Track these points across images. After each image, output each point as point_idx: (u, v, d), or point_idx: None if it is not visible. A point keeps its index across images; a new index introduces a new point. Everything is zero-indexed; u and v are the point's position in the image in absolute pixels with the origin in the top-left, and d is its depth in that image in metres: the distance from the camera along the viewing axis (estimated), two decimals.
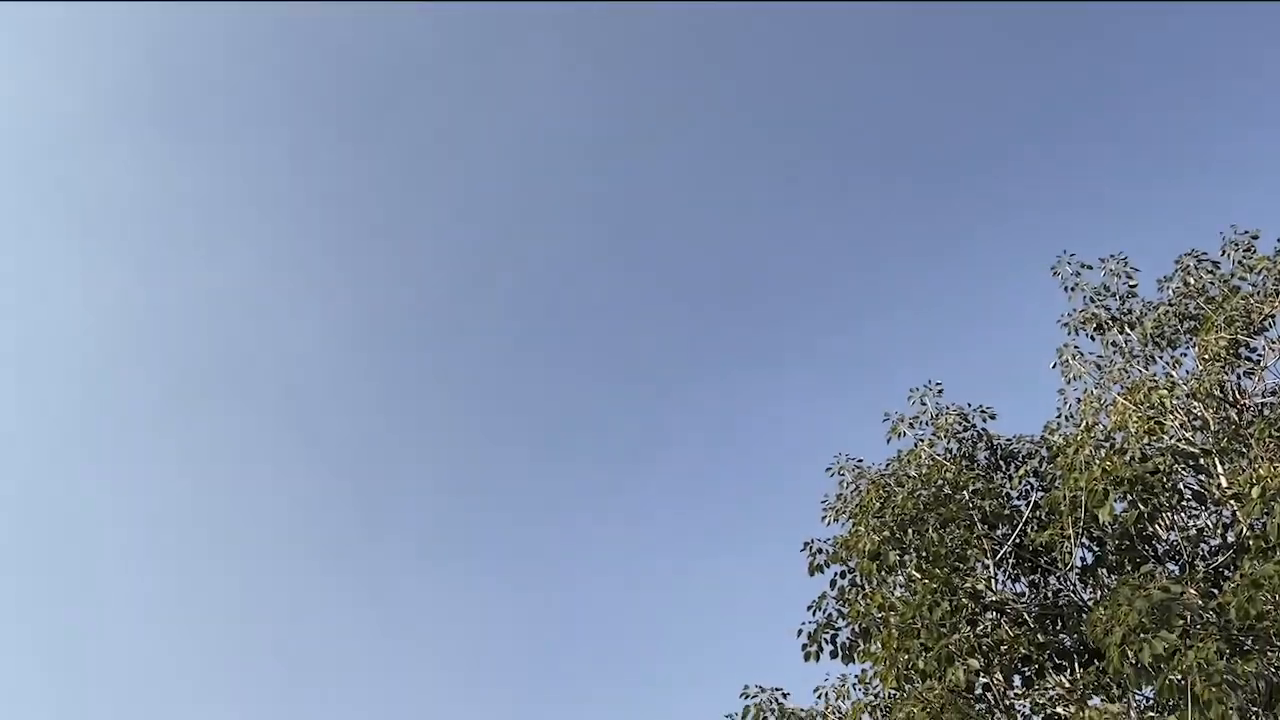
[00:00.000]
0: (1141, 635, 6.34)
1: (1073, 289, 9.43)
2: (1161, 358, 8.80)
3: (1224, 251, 9.04)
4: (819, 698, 9.41)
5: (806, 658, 9.18)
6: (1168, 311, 8.83)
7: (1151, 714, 6.85)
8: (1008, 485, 8.90)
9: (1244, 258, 8.78)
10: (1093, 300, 9.34)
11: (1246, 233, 9.04)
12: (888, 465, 9.35)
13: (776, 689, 9.22)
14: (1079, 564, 8.36)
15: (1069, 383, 8.94)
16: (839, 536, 9.45)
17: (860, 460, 9.61)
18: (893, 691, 8.72)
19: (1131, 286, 9.27)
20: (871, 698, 9.25)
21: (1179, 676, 6.12)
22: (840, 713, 9.35)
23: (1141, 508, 7.32)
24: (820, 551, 9.51)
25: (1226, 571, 7.46)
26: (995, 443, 9.26)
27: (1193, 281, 8.91)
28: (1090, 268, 9.43)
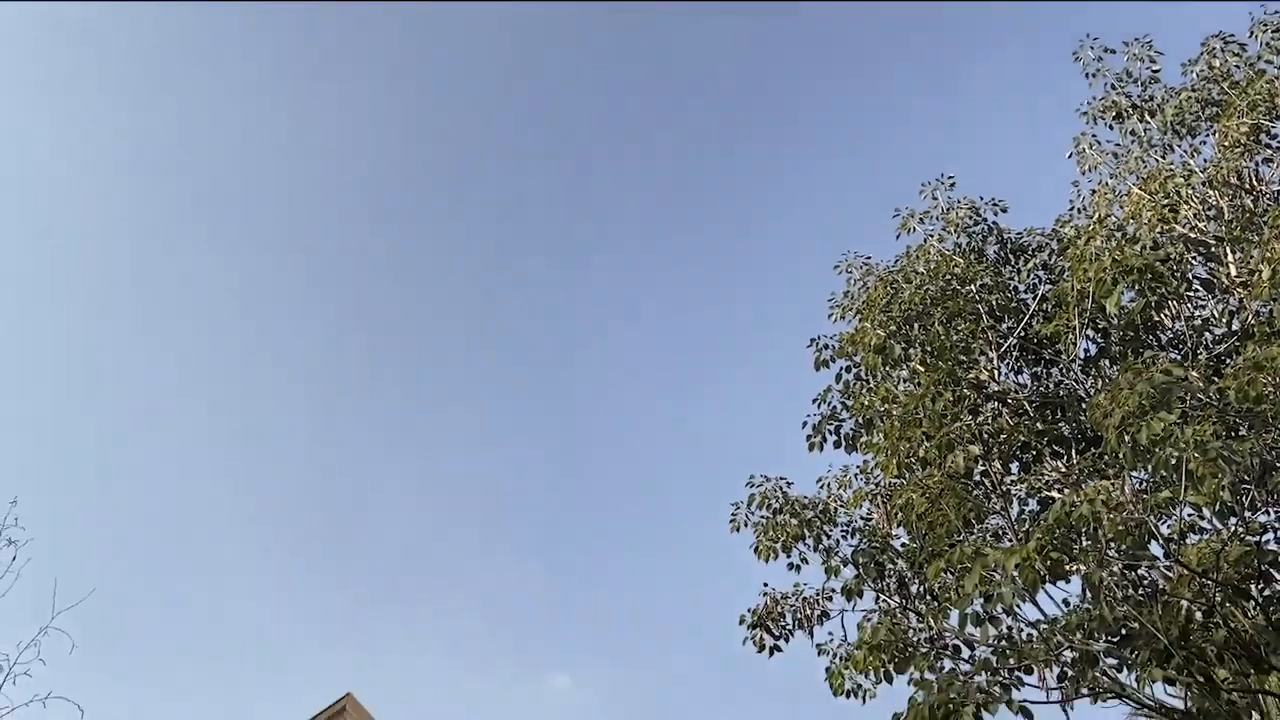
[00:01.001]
0: (1140, 418, 6.45)
1: (1094, 75, 9.11)
2: (1180, 146, 8.59)
3: (1252, 33, 8.67)
4: (821, 488, 9.73)
5: (810, 448, 9.45)
6: (1190, 97, 8.56)
7: (1145, 494, 7.05)
8: (1016, 279, 8.88)
9: (1272, 39, 8.43)
10: (1114, 87, 9.04)
11: (1277, 13, 8.65)
12: (896, 261, 9.31)
13: (781, 479, 9.51)
14: (1082, 355, 8.44)
15: (1084, 174, 8.77)
16: (845, 333, 9.53)
17: (869, 257, 9.57)
18: (893, 480, 9.00)
19: (1154, 72, 8.95)
20: (872, 486, 9.56)
21: (1175, 455, 6.26)
22: (842, 501, 9.68)
23: (1149, 296, 7.30)
24: (826, 348, 9.62)
25: (1229, 359, 7.53)
26: (1005, 236, 9.18)
27: (1218, 65, 8.59)
28: (1113, 52, 9.08)
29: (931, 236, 9.09)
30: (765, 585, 9.29)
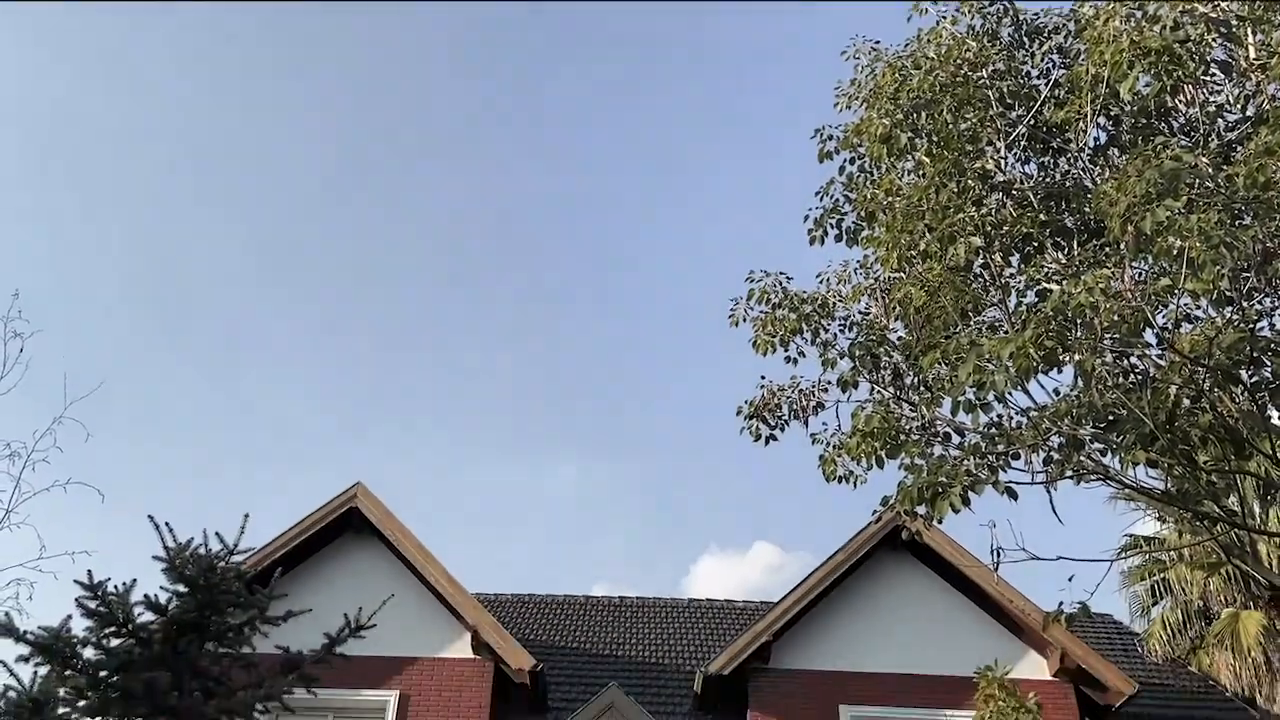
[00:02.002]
0: (1146, 206, 6.37)
1: None
2: None
3: None
4: (821, 283, 9.74)
5: (811, 242, 9.41)
6: None
7: (1144, 284, 7.05)
8: (1029, 63, 8.57)
9: None
10: None
11: None
12: (906, 46, 8.95)
13: (780, 273, 9.52)
14: (1092, 143, 8.26)
15: None
16: (850, 123, 9.29)
17: (878, 42, 9.20)
18: (893, 274, 8.99)
19: None
20: (871, 281, 9.57)
21: (1177, 242, 6.23)
22: (841, 296, 9.71)
23: (1165, 80, 7.06)
24: (830, 139, 9.41)
25: (1240, 145, 7.36)
26: (1021, 18, 8.78)
27: None
28: None
29: (945, 19, 8.70)
30: (763, 378, 9.47)
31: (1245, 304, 6.90)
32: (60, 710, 6.64)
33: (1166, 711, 14.91)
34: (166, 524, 7.34)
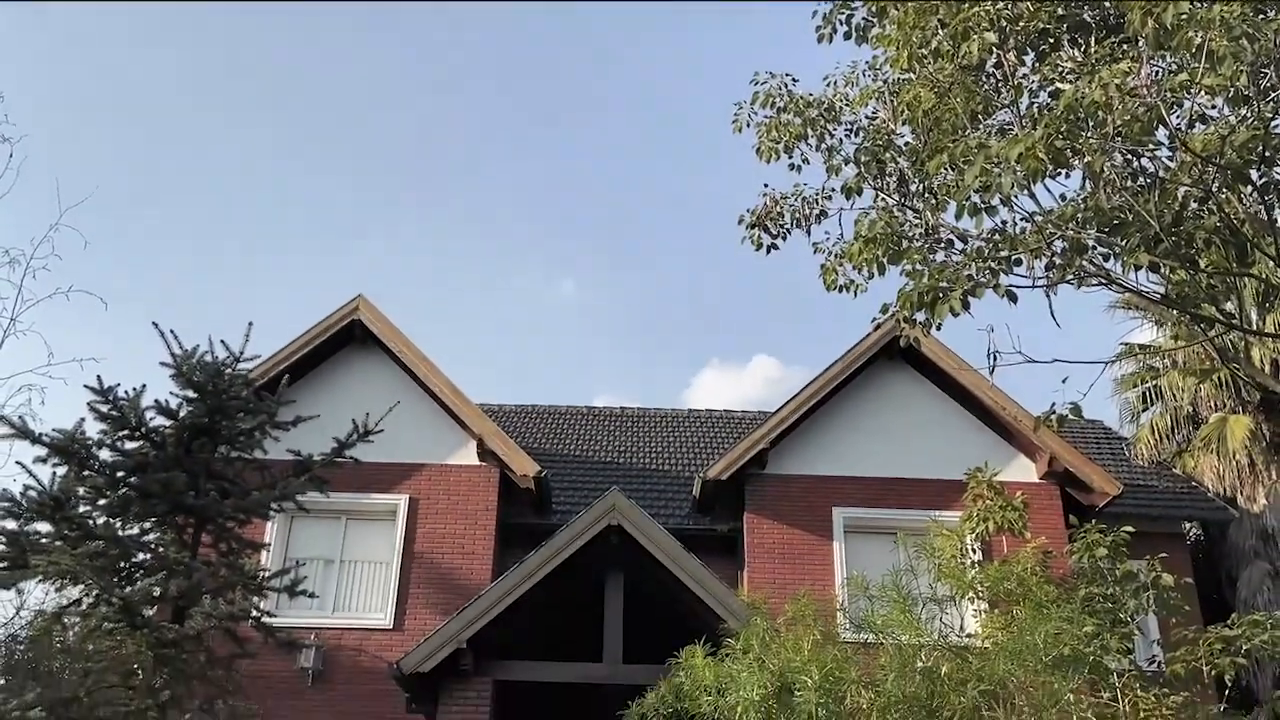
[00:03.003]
0: None
1: None
2: None
3: None
4: (828, 85, 9.43)
5: (819, 39, 9.04)
6: None
7: (1160, 81, 6.82)
8: None
9: None
10: None
11: None
12: None
13: (786, 74, 9.21)
14: None
15: None
16: None
17: None
18: (903, 74, 8.69)
19: None
20: (880, 84, 9.27)
21: (1199, 34, 5.99)
22: (847, 100, 9.43)
23: None
24: None
25: None
26: None
27: None
28: None
29: None
30: (765, 186, 9.31)
31: (1261, 102, 6.70)
32: (81, 509, 6.90)
33: (1149, 511, 15.50)
34: (171, 331, 7.41)
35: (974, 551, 11.89)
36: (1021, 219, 7.66)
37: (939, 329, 7.79)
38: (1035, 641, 8.27)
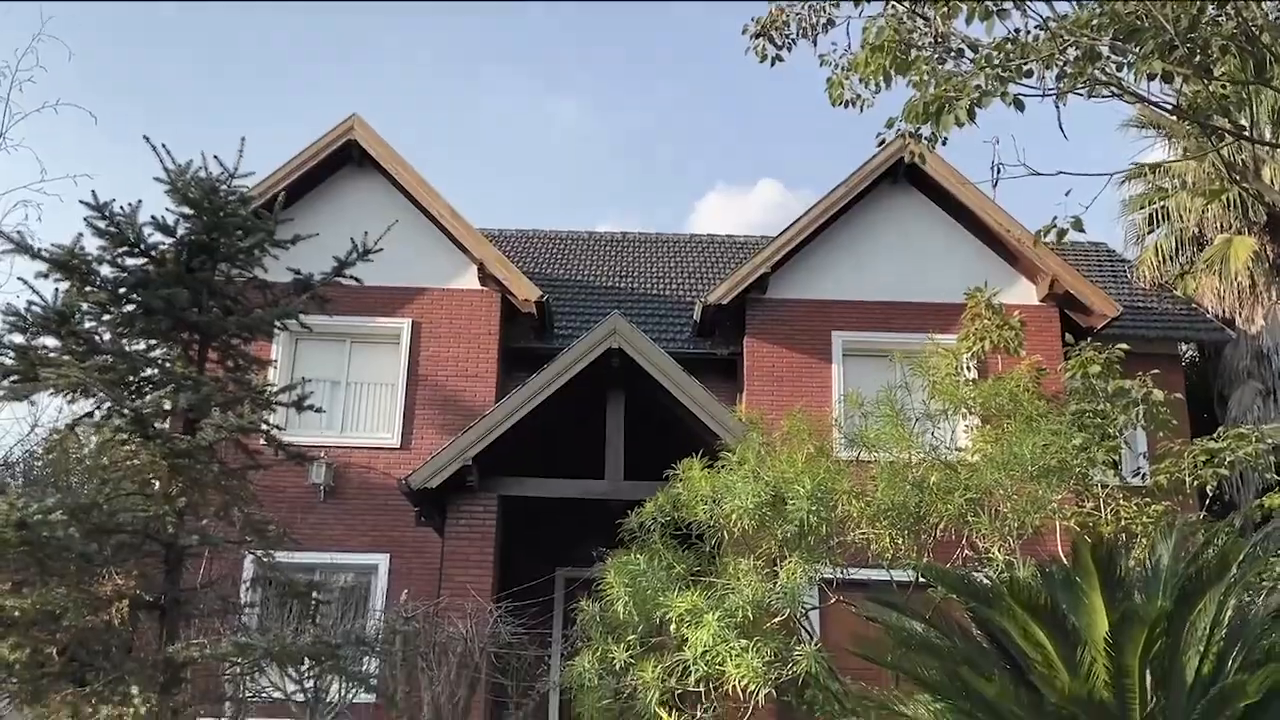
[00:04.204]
0: None
1: None
2: None
3: None
4: None
5: None
6: None
7: None
8: None
9: None
10: None
11: None
12: None
13: None
14: None
15: None
16: None
17: None
18: None
19: None
20: None
21: None
22: None
23: None
24: None
25: None
26: None
27: None
28: None
29: None
30: None
31: None
32: (86, 325, 6.96)
33: (1147, 332, 15.62)
34: (164, 145, 7.27)
35: (969, 370, 12.08)
36: (1036, 26, 7.39)
37: (944, 143, 7.65)
38: (1023, 453, 8.51)
